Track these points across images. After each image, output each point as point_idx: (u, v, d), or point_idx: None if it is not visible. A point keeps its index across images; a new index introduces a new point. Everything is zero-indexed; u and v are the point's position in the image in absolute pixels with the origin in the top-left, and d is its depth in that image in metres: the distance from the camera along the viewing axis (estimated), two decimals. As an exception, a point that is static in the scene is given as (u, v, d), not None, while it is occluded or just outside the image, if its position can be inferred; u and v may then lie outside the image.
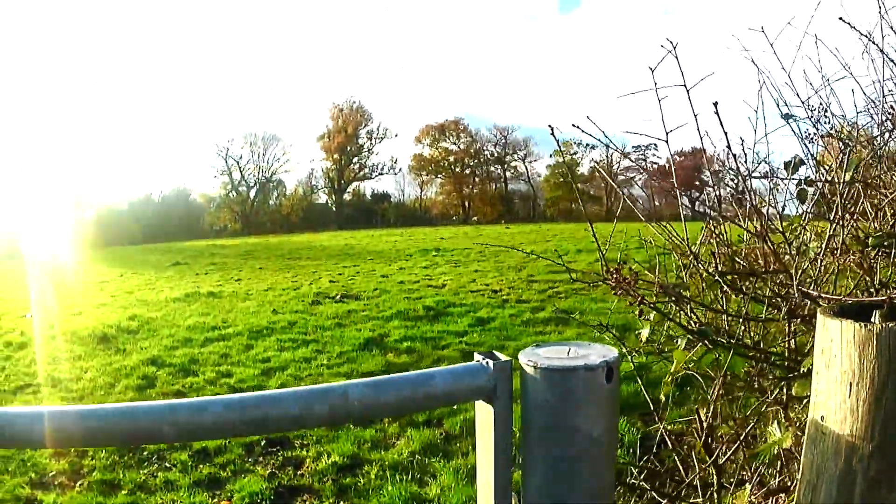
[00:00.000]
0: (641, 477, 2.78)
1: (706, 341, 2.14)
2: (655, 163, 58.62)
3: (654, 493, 2.56)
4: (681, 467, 2.59)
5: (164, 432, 1.47)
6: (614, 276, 2.17)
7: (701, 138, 2.14)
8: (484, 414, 1.63)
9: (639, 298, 2.17)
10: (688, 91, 2.00)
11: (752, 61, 2.29)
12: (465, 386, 1.60)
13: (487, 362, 1.57)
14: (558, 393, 1.50)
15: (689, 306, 2.30)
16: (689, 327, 2.23)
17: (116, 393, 6.54)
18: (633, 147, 59.20)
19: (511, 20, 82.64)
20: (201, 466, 4.63)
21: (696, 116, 2.04)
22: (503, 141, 63.12)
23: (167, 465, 4.66)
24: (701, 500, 2.46)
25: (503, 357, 1.58)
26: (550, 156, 61.40)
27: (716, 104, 2.00)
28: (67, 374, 7.29)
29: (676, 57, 1.99)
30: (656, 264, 2.36)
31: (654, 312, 2.29)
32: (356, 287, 12.67)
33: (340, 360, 7.34)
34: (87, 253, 32.29)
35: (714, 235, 2.42)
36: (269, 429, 1.58)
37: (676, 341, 2.26)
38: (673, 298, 2.30)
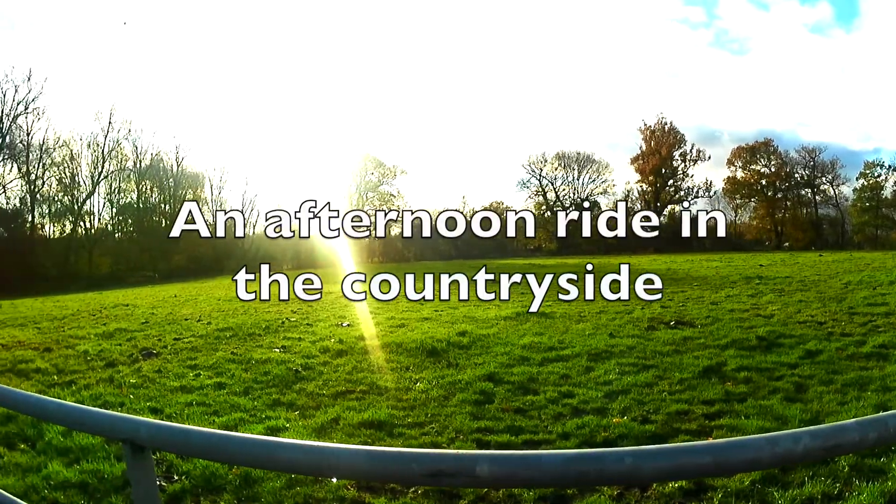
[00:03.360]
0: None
1: None
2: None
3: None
4: None
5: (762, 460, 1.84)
6: None
7: None
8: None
9: None
10: None
11: None
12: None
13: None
14: None
15: None
16: None
17: (451, 406, 7.16)
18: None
19: (792, 32, 79.02)
20: (545, 483, 4.87)
21: None
22: (811, 163, 62.47)
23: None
24: None
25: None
26: (857, 178, 59.79)
27: None
28: (395, 384, 8.11)
29: None
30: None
31: None
32: (688, 314, 12.95)
33: (681, 387, 7.49)
34: (398, 266, 35.33)
35: None
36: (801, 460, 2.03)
37: None
38: None
